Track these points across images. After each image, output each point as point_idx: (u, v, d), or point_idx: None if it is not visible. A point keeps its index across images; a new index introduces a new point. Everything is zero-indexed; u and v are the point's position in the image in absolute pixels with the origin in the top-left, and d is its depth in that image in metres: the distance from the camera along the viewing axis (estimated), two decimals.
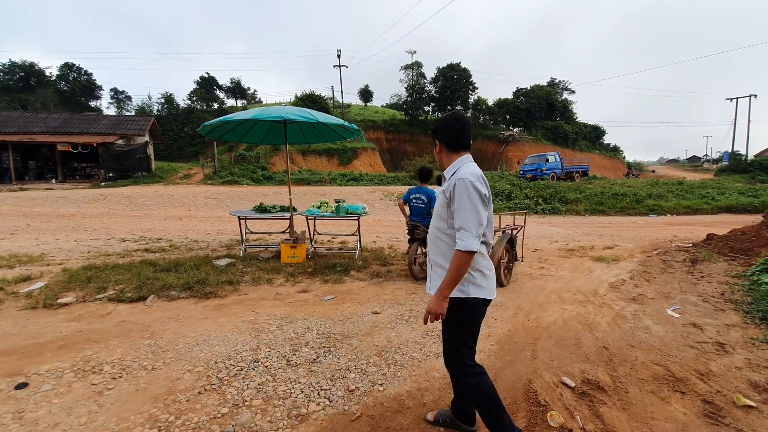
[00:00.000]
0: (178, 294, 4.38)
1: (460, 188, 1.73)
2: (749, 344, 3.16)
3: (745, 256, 6.09)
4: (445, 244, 1.85)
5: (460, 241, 1.69)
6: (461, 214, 1.71)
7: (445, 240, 1.86)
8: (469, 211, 1.70)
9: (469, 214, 1.69)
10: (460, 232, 1.70)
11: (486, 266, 1.88)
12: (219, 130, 6.22)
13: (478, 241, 1.71)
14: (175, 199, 15.40)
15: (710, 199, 17.28)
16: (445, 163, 1.96)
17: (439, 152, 1.99)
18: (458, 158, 1.92)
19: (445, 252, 1.85)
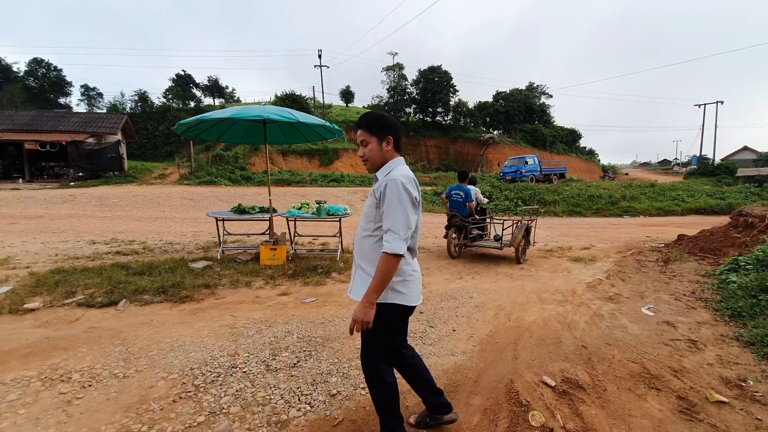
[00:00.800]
0: (151, 298, 4.22)
1: (391, 189, 1.66)
2: (719, 341, 3.27)
3: (713, 255, 6.34)
4: (370, 247, 1.77)
5: (387, 243, 1.63)
6: (390, 216, 1.65)
7: (370, 242, 1.77)
8: (398, 213, 1.64)
9: (399, 216, 1.64)
10: (388, 234, 1.64)
11: (409, 272, 1.78)
12: (195, 129, 6.04)
13: (406, 245, 1.65)
14: (149, 200, 14.92)
15: (680, 201, 17.99)
16: (379, 161, 1.80)
17: (383, 149, 1.78)
18: (394, 159, 1.82)
19: (369, 255, 1.77)
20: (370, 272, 1.73)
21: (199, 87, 45.34)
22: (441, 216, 14.65)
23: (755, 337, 3.17)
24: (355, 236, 1.88)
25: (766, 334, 3.11)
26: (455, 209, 6.91)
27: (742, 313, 3.70)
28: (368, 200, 1.82)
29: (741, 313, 3.71)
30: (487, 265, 6.26)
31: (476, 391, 2.53)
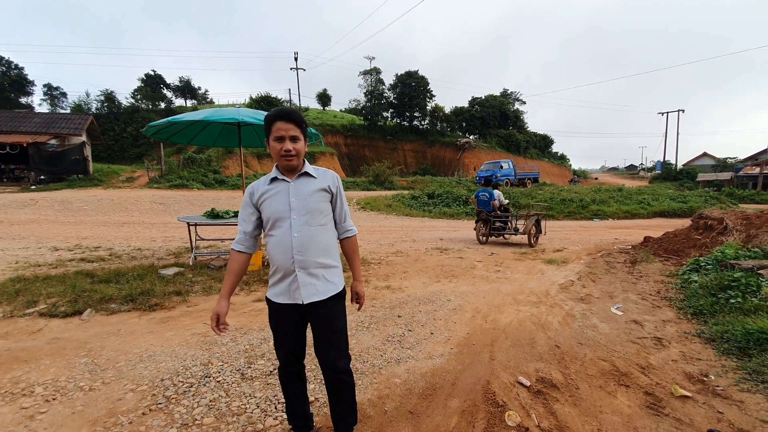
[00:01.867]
0: (118, 307, 4.05)
1: (340, 182, 1.90)
2: (683, 338, 3.42)
3: (676, 256, 6.65)
4: (328, 238, 1.82)
5: (352, 228, 1.95)
6: (345, 207, 1.92)
7: (327, 234, 1.82)
8: (346, 203, 1.94)
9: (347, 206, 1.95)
10: (348, 221, 1.93)
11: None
12: (166, 131, 5.86)
13: None
14: (116, 204, 14.36)
15: (646, 205, 18.80)
16: (302, 158, 1.79)
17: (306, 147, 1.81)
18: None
19: (330, 247, 1.82)
20: (334, 263, 1.83)
21: (170, 88, 44.04)
22: (420, 219, 14.75)
23: (715, 333, 3.34)
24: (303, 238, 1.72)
25: (726, 331, 3.28)
26: (482, 207, 9.24)
27: (703, 311, 3.89)
28: (316, 196, 1.77)
29: (702, 311, 3.90)
30: (464, 268, 6.34)
31: (454, 394, 2.55)
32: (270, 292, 1.81)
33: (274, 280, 1.79)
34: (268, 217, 1.75)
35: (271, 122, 1.71)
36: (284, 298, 1.76)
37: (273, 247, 1.75)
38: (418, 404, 2.42)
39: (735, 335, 3.16)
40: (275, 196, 1.75)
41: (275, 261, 1.75)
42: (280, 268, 1.74)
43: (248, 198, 1.81)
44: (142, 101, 39.42)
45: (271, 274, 1.80)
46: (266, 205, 1.75)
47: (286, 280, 1.75)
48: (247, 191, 1.83)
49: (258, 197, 1.77)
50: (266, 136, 1.77)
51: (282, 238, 1.72)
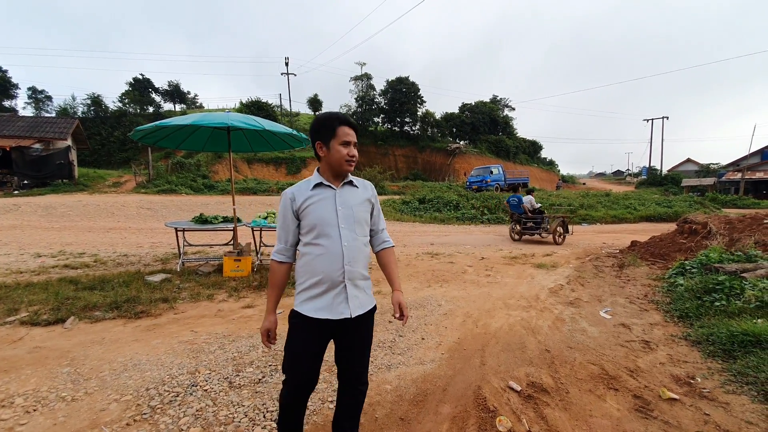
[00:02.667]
0: (103, 315, 3.95)
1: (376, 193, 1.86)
2: (670, 341, 3.47)
3: (663, 260, 6.76)
4: (368, 250, 1.78)
5: (389, 239, 1.89)
6: (382, 217, 1.89)
7: (367, 245, 1.78)
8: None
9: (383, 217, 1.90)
10: (385, 232, 1.88)
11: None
12: (154, 136, 5.78)
13: None
14: (102, 209, 14.10)
15: (633, 210, 19.09)
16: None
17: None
18: None
19: (367, 260, 1.76)
20: (368, 276, 1.77)
21: (159, 92, 43.64)
22: (411, 224, 14.77)
23: (701, 336, 3.39)
24: (351, 248, 1.66)
25: (711, 333, 3.34)
26: (513, 210, 10.84)
27: (689, 314, 3.95)
28: (362, 207, 1.74)
29: (688, 314, 3.96)
30: (455, 273, 6.35)
31: (445, 399, 2.53)
32: (306, 306, 1.63)
33: (315, 293, 1.63)
34: (313, 224, 1.63)
35: (336, 125, 1.65)
36: (325, 312, 1.62)
37: (318, 258, 1.62)
38: (409, 411, 2.40)
39: (720, 338, 3.21)
40: (321, 202, 1.65)
41: (319, 272, 1.62)
42: (324, 280, 1.62)
43: (288, 204, 1.66)
44: (129, 105, 38.97)
45: (308, 287, 1.64)
46: (311, 211, 1.64)
47: (330, 293, 1.63)
48: (285, 197, 1.68)
49: (301, 203, 1.65)
50: (322, 138, 1.67)
51: (331, 248, 1.62)
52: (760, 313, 3.48)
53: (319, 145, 1.69)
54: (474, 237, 11.59)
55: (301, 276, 1.66)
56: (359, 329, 1.72)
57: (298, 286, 1.67)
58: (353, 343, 1.74)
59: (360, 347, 1.76)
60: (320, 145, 1.68)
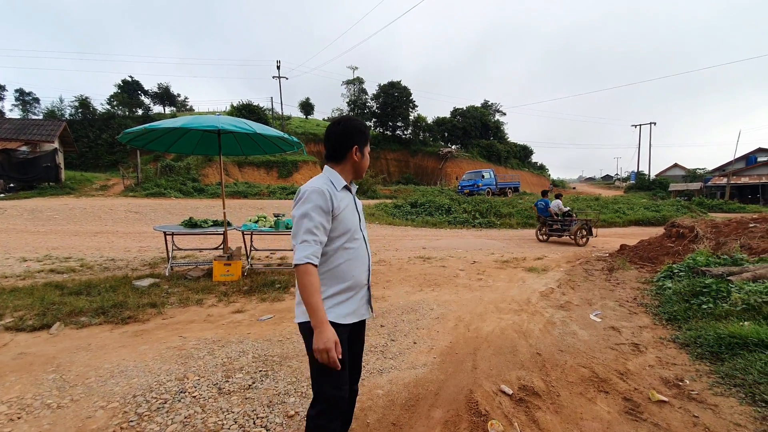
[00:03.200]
0: (89, 320, 3.88)
1: None
2: (659, 343, 3.50)
3: (651, 264, 6.85)
4: None
5: None
6: None
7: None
8: None
9: None
10: None
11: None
12: (142, 139, 5.72)
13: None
14: (89, 213, 13.87)
15: (622, 214, 19.35)
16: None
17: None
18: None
19: None
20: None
21: (148, 94, 43.25)
22: (402, 228, 14.77)
23: (689, 338, 3.43)
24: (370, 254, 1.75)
25: (699, 336, 3.38)
26: (541, 213, 11.56)
27: (677, 316, 4.00)
28: (362, 212, 1.80)
29: (676, 316, 4.01)
30: (447, 277, 6.36)
31: (437, 404, 2.52)
32: (333, 313, 1.55)
33: (343, 299, 1.59)
34: (347, 227, 1.58)
35: (368, 135, 1.73)
36: (353, 317, 1.63)
37: (350, 262, 1.59)
38: (400, 415, 2.39)
39: (708, 340, 3.25)
40: (350, 206, 1.64)
41: (349, 277, 1.59)
42: (353, 285, 1.61)
43: (323, 201, 1.51)
44: (118, 108, 38.54)
45: (336, 293, 1.58)
46: (346, 214, 1.59)
47: (356, 297, 1.64)
48: (318, 192, 1.51)
49: (337, 204, 1.56)
50: (359, 143, 1.67)
51: (361, 251, 1.64)
52: (746, 315, 3.54)
53: (356, 149, 1.67)
54: (466, 241, 11.63)
55: (324, 282, 1.55)
56: (362, 331, 1.77)
57: (321, 293, 1.53)
58: (358, 345, 1.77)
59: (361, 350, 1.81)
60: (357, 149, 1.67)
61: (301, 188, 1.56)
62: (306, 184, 1.58)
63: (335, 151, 1.67)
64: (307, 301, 1.43)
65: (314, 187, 1.52)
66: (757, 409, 2.34)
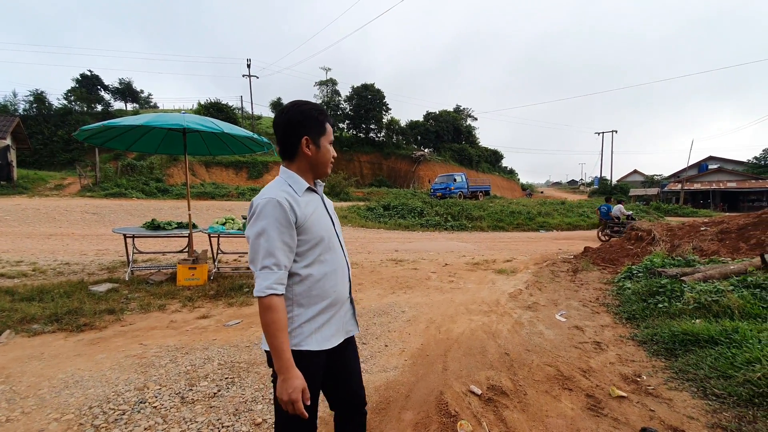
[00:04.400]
0: (42, 328, 3.66)
1: None
2: (619, 341, 3.66)
3: (613, 265, 7.16)
4: None
5: None
6: None
7: None
8: None
9: None
10: None
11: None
12: (101, 136, 5.43)
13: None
14: (43, 214, 13.06)
15: (586, 217, 20.15)
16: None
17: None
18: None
19: None
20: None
21: (109, 90, 41.27)
22: (375, 231, 14.77)
23: (646, 336, 3.60)
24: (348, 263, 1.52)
25: (655, 333, 3.56)
26: (603, 216, 13.15)
27: (636, 315, 4.20)
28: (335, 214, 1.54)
29: (635, 315, 4.20)
30: (419, 279, 6.40)
31: (407, 406, 2.52)
32: (315, 340, 1.33)
33: (325, 319, 1.36)
34: (320, 237, 1.34)
35: (325, 121, 1.40)
36: (337, 337, 1.41)
37: (327, 277, 1.35)
38: (371, 419, 2.37)
39: (663, 337, 3.43)
40: (317, 210, 1.38)
41: (330, 294, 1.36)
42: (336, 301, 1.39)
43: (285, 214, 1.25)
44: (75, 103, 36.59)
45: (315, 315, 1.34)
46: (314, 222, 1.33)
47: (339, 313, 1.42)
48: (273, 204, 1.25)
49: (301, 213, 1.30)
50: (311, 133, 1.37)
51: (340, 262, 1.40)
52: (697, 313, 3.76)
53: (307, 141, 1.36)
54: (438, 243, 11.77)
55: (299, 306, 1.32)
56: (353, 343, 1.55)
57: (297, 318, 1.31)
58: (351, 359, 1.53)
59: (357, 362, 1.57)
60: (308, 141, 1.36)
61: (254, 200, 1.30)
62: (259, 194, 1.31)
63: (284, 147, 1.38)
64: (270, 342, 1.20)
65: (268, 198, 1.26)
66: (708, 403, 2.48)
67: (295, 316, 1.31)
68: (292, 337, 1.29)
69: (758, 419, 2.23)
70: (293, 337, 1.30)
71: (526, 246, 11.51)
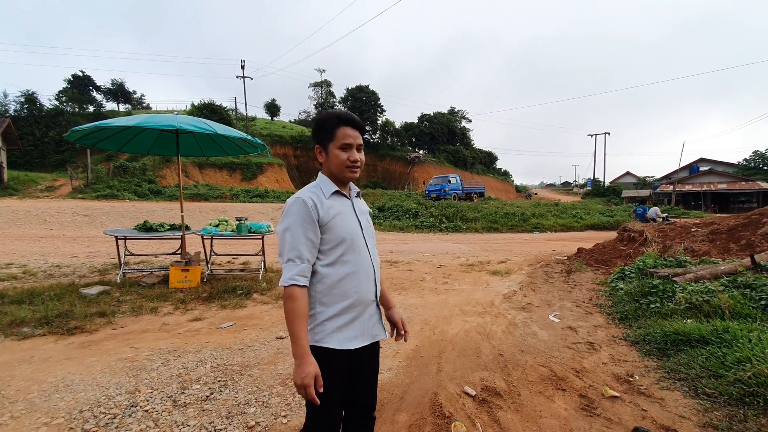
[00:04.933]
0: (32, 331, 3.62)
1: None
2: (612, 342, 3.68)
3: (605, 266, 7.22)
4: None
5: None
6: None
7: None
8: None
9: None
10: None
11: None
12: (93, 137, 5.38)
13: None
14: (33, 216, 12.92)
15: (579, 219, 20.31)
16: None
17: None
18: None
19: None
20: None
21: (101, 90, 40.91)
22: None
23: (639, 336, 3.63)
24: (376, 261, 1.54)
25: (647, 334, 3.58)
26: (638, 218, 13.92)
27: (628, 315, 4.23)
28: (369, 220, 1.60)
29: (628, 315, 4.23)
30: (414, 281, 6.41)
31: (402, 408, 2.52)
32: (337, 339, 1.38)
33: (346, 321, 1.40)
34: (342, 238, 1.40)
35: (335, 126, 1.42)
36: (360, 340, 1.43)
37: (349, 278, 1.40)
38: None
39: (655, 337, 3.45)
40: (344, 213, 1.44)
41: (351, 294, 1.40)
42: (356, 303, 1.42)
43: (308, 212, 1.35)
44: (67, 104, 36.22)
45: (336, 315, 1.39)
46: (338, 223, 1.40)
47: (364, 316, 1.45)
48: (301, 202, 1.36)
49: (324, 213, 1.38)
50: (321, 141, 1.46)
51: (364, 265, 1.44)
52: (689, 313, 3.79)
53: (318, 150, 1.47)
54: (432, 245, 11.79)
55: (321, 304, 1.39)
56: (375, 353, 1.56)
57: (318, 316, 1.38)
58: (372, 367, 1.56)
59: (375, 371, 1.60)
60: (319, 150, 1.47)
61: (288, 200, 1.43)
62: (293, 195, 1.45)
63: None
64: (290, 328, 1.29)
65: (296, 197, 1.38)
66: (699, 402, 2.50)
67: (318, 314, 1.38)
68: (314, 334, 1.37)
69: (749, 418, 2.25)
70: (315, 333, 1.37)
71: (521, 247, 11.56)
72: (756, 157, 43.77)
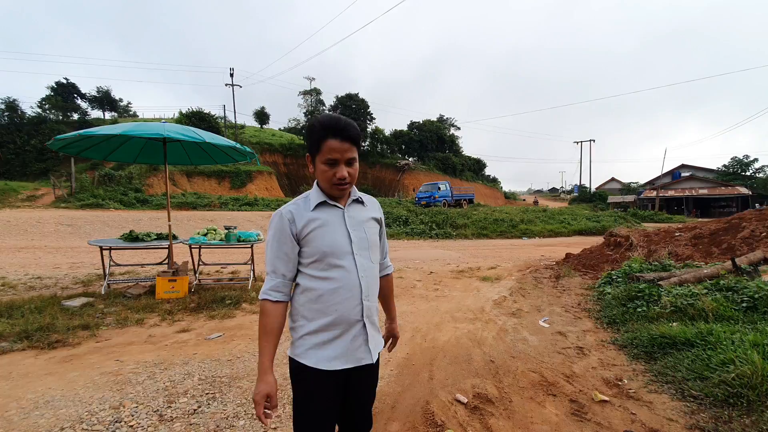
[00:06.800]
0: (10, 345, 3.50)
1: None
2: (601, 346, 3.72)
3: (593, 271, 7.31)
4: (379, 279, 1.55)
5: (391, 265, 1.66)
6: (386, 240, 1.63)
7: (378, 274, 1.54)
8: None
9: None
10: (388, 257, 1.65)
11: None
12: (77, 145, 5.28)
13: None
14: (13, 226, 12.58)
15: (567, 224, 20.57)
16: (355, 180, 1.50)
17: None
18: None
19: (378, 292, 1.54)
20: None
21: (86, 98, 40.32)
22: None
23: (626, 340, 3.67)
24: (369, 279, 1.40)
25: (635, 337, 3.63)
26: None
27: (616, 320, 4.28)
28: (371, 227, 1.47)
29: (615, 320, 4.29)
30: (404, 288, 6.40)
31: (394, 417, 2.50)
32: (314, 356, 1.31)
33: (325, 339, 1.32)
34: (322, 252, 1.31)
35: (321, 138, 1.28)
36: (342, 361, 1.33)
37: (330, 294, 1.31)
38: None
39: (642, 341, 3.50)
40: (329, 225, 1.34)
41: (331, 311, 1.32)
42: (338, 321, 1.32)
43: (285, 226, 1.31)
44: (50, 111, 35.58)
45: (315, 331, 1.32)
46: (317, 236, 1.31)
47: (346, 336, 1.34)
48: (280, 218, 1.33)
49: (302, 226, 1.31)
50: (310, 151, 1.35)
51: (347, 281, 1.33)
52: (674, 317, 3.86)
53: (309, 160, 1.37)
54: (423, 252, 11.81)
55: (303, 317, 1.34)
56: (372, 372, 1.47)
57: (299, 329, 1.34)
58: (366, 387, 1.49)
59: (371, 390, 1.53)
60: (309, 160, 1.37)
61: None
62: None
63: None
64: (259, 343, 1.30)
65: (277, 211, 1.36)
66: (686, 404, 2.54)
67: (299, 327, 1.35)
68: (294, 347, 1.35)
69: (733, 419, 2.29)
70: (296, 347, 1.35)
71: (510, 253, 11.66)
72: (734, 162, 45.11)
